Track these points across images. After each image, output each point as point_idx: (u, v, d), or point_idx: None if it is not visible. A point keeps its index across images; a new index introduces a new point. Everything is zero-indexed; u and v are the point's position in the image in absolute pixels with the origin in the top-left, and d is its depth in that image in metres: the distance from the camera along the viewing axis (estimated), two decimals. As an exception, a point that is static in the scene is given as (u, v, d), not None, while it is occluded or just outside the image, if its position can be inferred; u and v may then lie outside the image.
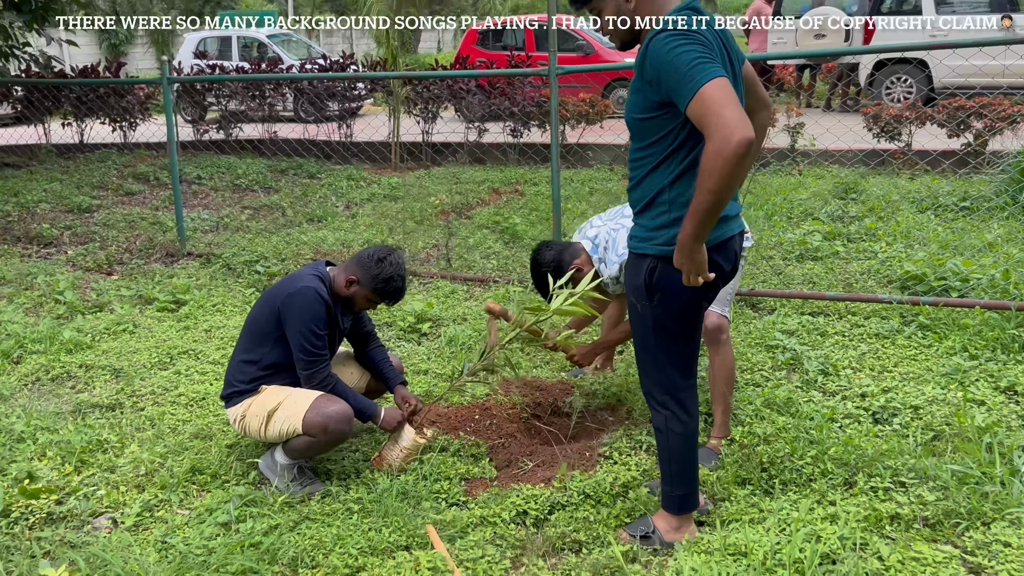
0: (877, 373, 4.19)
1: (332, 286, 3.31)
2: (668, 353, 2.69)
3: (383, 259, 3.31)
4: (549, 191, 8.64)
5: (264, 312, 3.27)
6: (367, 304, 3.40)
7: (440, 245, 7.01)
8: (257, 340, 3.26)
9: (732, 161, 2.17)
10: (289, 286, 3.22)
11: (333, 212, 8.25)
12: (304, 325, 3.15)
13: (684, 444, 2.80)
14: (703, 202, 2.27)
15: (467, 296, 5.66)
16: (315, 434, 3.11)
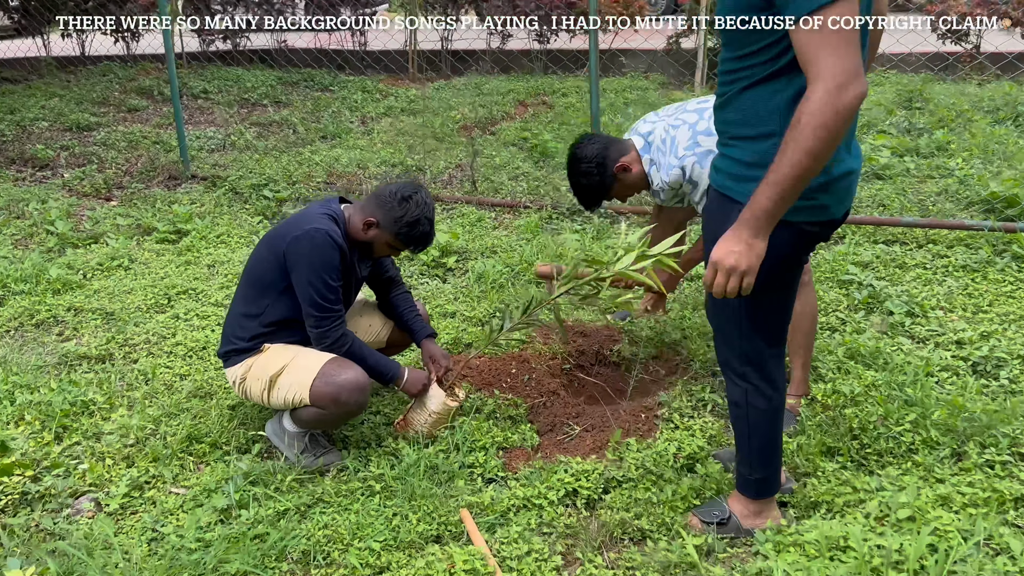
0: (971, 314, 3.64)
1: (347, 228, 2.78)
2: (756, 319, 2.17)
3: (408, 198, 2.77)
4: (580, 103, 7.98)
5: (266, 258, 2.75)
6: (388, 251, 2.88)
7: (464, 165, 6.43)
8: (258, 291, 2.76)
9: (843, 117, 1.72)
10: (295, 227, 2.69)
11: (347, 128, 7.65)
12: (314, 274, 2.64)
13: (767, 421, 2.30)
14: (794, 165, 1.77)
15: (496, 224, 5.12)
16: (324, 406, 2.64)
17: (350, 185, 5.84)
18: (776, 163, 1.80)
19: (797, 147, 1.75)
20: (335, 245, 2.67)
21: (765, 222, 1.86)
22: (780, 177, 1.79)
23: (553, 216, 5.12)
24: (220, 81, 9.55)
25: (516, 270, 4.26)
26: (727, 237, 1.92)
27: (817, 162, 1.76)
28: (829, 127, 1.72)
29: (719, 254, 1.92)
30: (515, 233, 4.87)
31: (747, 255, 1.89)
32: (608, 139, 3.13)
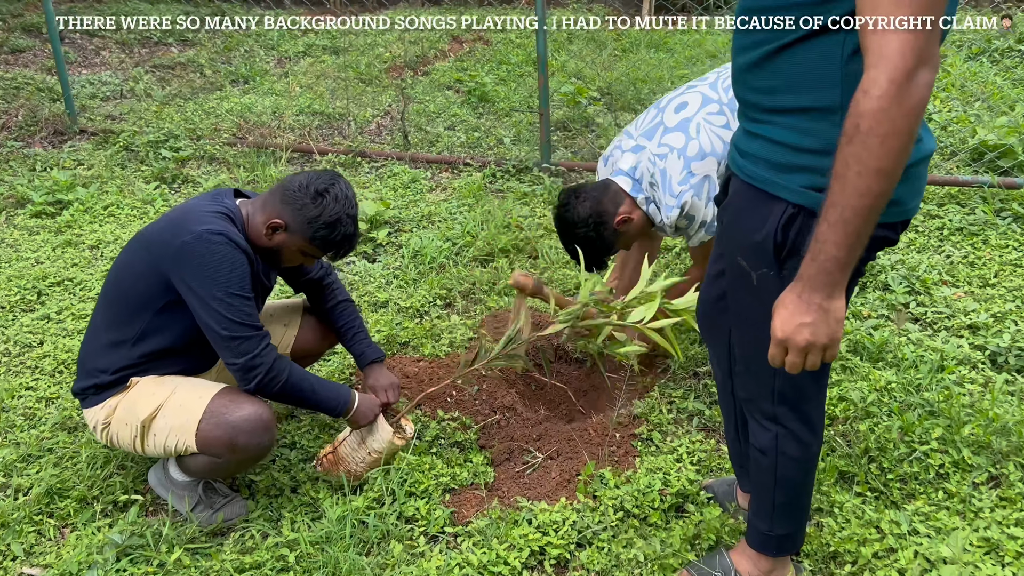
0: (978, 289, 3.20)
1: (246, 230, 2.14)
2: None
3: (322, 192, 2.13)
4: (520, 39, 7.31)
5: (140, 269, 2.08)
6: (300, 259, 2.24)
7: (393, 113, 5.74)
8: (129, 311, 2.10)
9: (916, 115, 1.20)
10: (181, 229, 2.02)
11: (262, 70, 6.84)
12: (219, 287, 2.00)
13: (800, 472, 1.80)
14: (864, 194, 1.24)
15: (432, 186, 4.48)
16: (218, 453, 2.05)
17: (263, 139, 5.12)
18: (836, 194, 1.26)
19: (864, 167, 1.23)
20: (239, 248, 2.04)
21: (839, 276, 1.32)
22: (848, 213, 1.25)
23: (497, 174, 4.51)
24: (117, 15, 8.54)
25: (459, 245, 3.66)
26: (790, 304, 1.37)
27: (892, 182, 1.24)
28: (902, 133, 1.21)
29: (787, 330, 1.37)
30: (455, 197, 4.26)
31: (825, 323, 1.35)
32: (594, 190, 2.59)
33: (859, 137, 1.22)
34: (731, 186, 1.61)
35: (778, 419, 1.74)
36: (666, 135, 2.51)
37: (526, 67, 6.57)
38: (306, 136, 5.20)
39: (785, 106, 1.42)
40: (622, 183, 2.58)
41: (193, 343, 2.15)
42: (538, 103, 5.15)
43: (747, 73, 1.49)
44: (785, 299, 1.38)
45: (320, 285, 2.48)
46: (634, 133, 2.64)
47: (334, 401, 2.22)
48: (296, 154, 4.94)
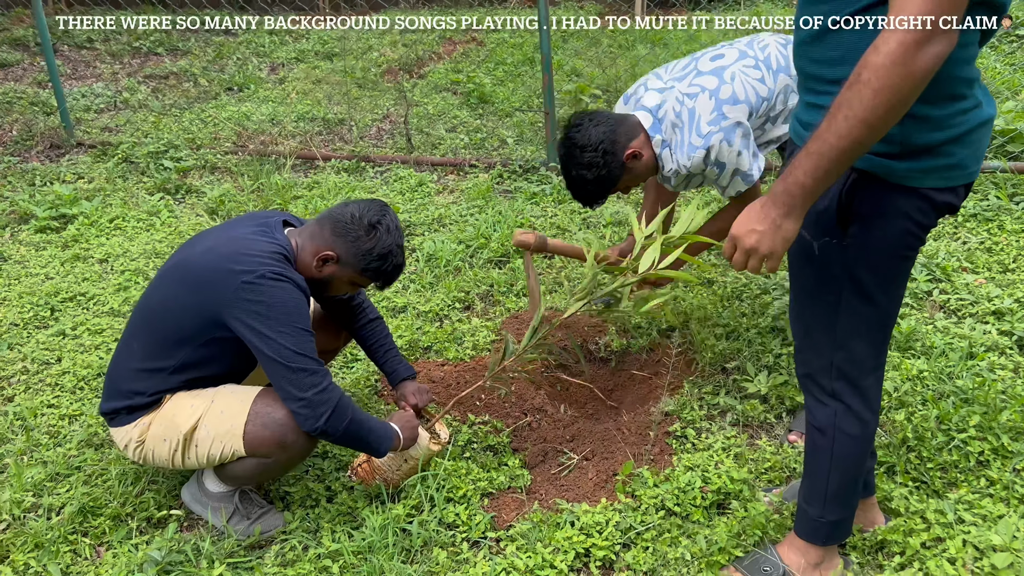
0: (999, 274, 3.20)
1: (296, 264, 2.11)
2: (856, 318, 1.65)
3: (375, 225, 2.10)
4: (514, 39, 7.29)
5: (186, 302, 2.02)
6: (347, 288, 2.21)
7: (392, 116, 5.71)
8: (171, 342, 2.04)
9: (917, 80, 1.27)
10: (237, 270, 1.95)
11: (256, 78, 6.79)
12: (285, 328, 1.95)
13: (857, 453, 1.80)
14: (843, 136, 1.34)
15: (440, 188, 4.45)
16: (268, 452, 2.02)
17: (265, 147, 5.07)
18: (822, 128, 1.35)
19: (852, 112, 1.31)
20: (300, 288, 2.00)
21: (800, 200, 1.43)
22: (825, 147, 1.35)
23: (504, 175, 4.48)
24: (107, 27, 8.47)
25: (473, 248, 3.64)
26: (753, 211, 1.50)
27: (874, 134, 1.33)
28: (897, 91, 1.28)
29: (740, 229, 1.52)
30: (464, 198, 4.23)
31: (771, 236, 1.48)
32: (610, 117, 2.44)
33: (857, 85, 1.29)
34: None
35: (837, 394, 1.75)
36: (699, 77, 2.43)
37: (522, 67, 6.55)
38: (308, 142, 5.16)
39: (847, 76, 1.40)
40: (642, 118, 2.47)
41: (233, 372, 2.13)
42: (542, 103, 5.13)
43: (809, 46, 1.52)
44: (753, 204, 1.50)
45: (350, 306, 2.45)
46: (664, 76, 2.55)
47: (387, 439, 2.16)
48: (299, 160, 4.90)
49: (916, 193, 1.50)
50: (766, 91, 2.45)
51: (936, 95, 1.42)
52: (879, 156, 1.47)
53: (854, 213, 1.53)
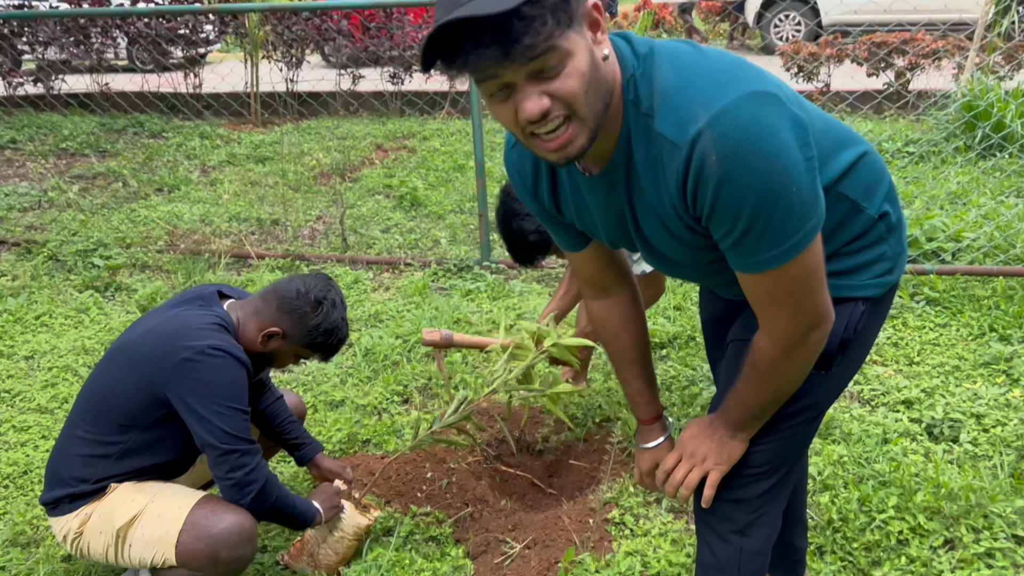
0: (905, 367, 3.42)
1: (238, 337, 2.15)
2: (803, 444, 1.63)
3: (321, 301, 2.17)
4: (444, 147, 7.56)
5: (129, 382, 2.03)
6: (291, 362, 2.27)
7: (326, 217, 5.81)
8: (116, 425, 2.04)
9: (807, 362, 1.44)
10: (178, 346, 1.98)
11: (186, 179, 6.83)
12: (221, 403, 1.97)
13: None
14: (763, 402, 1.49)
15: (376, 285, 4.53)
16: (199, 567, 1.98)
17: (197, 246, 5.09)
18: (740, 392, 1.49)
19: (759, 392, 1.47)
20: (241, 364, 2.03)
21: (742, 431, 1.54)
22: (751, 408, 1.50)
23: (439, 273, 4.60)
24: (32, 128, 8.43)
25: (410, 342, 3.70)
26: (702, 426, 1.58)
27: (784, 397, 1.49)
28: (795, 376, 1.44)
29: (688, 443, 1.59)
30: (400, 295, 4.31)
31: (717, 452, 1.55)
32: None
33: (756, 374, 1.43)
34: None
35: (748, 529, 1.61)
36: None
37: (453, 173, 6.77)
38: (241, 241, 5.20)
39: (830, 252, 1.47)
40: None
41: (181, 458, 2.12)
42: (474, 205, 5.32)
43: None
44: (702, 421, 1.58)
45: (261, 384, 2.47)
46: None
47: (309, 513, 2.20)
48: (233, 259, 4.93)
49: (889, 297, 1.56)
50: None
51: (890, 192, 1.51)
52: (882, 277, 1.49)
53: (854, 338, 1.51)
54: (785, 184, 1.20)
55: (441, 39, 1.14)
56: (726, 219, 1.25)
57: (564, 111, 1.20)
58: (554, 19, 1.13)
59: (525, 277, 4.49)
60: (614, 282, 1.70)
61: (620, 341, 1.72)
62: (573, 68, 1.17)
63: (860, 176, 1.44)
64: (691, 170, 1.22)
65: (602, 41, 1.24)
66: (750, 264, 1.30)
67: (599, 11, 1.23)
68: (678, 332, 3.71)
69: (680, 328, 3.74)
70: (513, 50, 1.12)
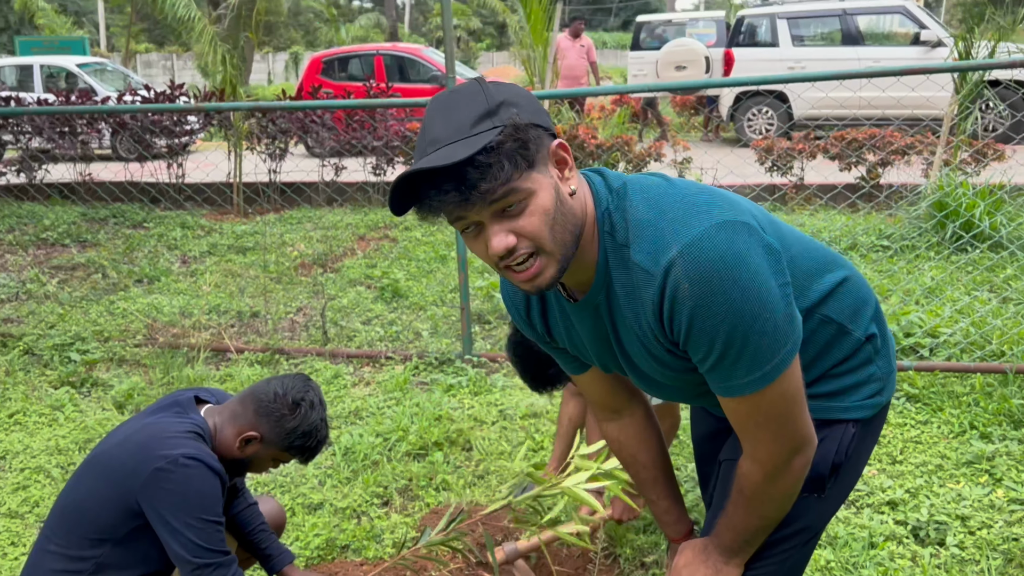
0: (888, 466, 3.41)
1: (214, 444, 2.11)
2: (797, 568, 1.62)
3: (299, 403, 2.15)
4: (426, 237, 7.62)
5: (103, 493, 1.98)
6: (269, 466, 2.24)
7: (306, 309, 5.80)
8: (89, 539, 1.97)
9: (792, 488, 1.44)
10: (152, 454, 1.95)
11: (166, 270, 6.83)
12: (193, 515, 1.92)
13: None
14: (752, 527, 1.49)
15: (356, 380, 4.50)
16: None
17: (176, 339, 5.05)
18: (730, 516, 1.49)
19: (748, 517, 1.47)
20: (215, 474, 1.99)
21: (736, 556, 1.53)
22: (741, 532, 1.50)
23: (421, 367, 4.58)
24: (13, 218, 8.45)
25: (391, 440, 3.66)
26: (696, 550, 1.57)
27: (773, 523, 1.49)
28: (779, 500, 1.44)
29: (685, 573, 1.56)
30: (381, 391, 4.28)
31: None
32: None
33: (743, 499, 1.44)
34: None
35: None
36: None
37: (435, 264, 6.82)
38: (221, 334, 5.17)
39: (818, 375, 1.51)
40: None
41: (156, 571, 2.06)
42: (456, 297, 5.34)
43: None
44: (696, 544, 1.57)
45: (235, 488, 2.42)
46: None
47: None
48: (212, 353, 4.89)
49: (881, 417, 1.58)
50: None
51: (876, 313, 1.55)
52: (872, 398, 1.52)
53: (846, 461, 1.52)
54: (758, 310, 1.24)
55: (407, 187, 1.23)
56: (702, 345, 1.29)
57: (530, 247, 1.27)
58: (511, 164, 1.20)
59: (507, 371, 4.48)
60: (624, 402, 1.70)
61: (639, 462, 1.72)
62: (536, 206, 1.25)
63: (845, 299, 1.48)
64: (665, 297, 1.28)
65: (570, 178, 1.32)
66: (728, 388, 1.34)
67: (565, 151, 1.31)
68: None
69: (663, 425, 3.72)
70: (471, 195, 1.20)
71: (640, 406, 1.73)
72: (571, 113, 10.58)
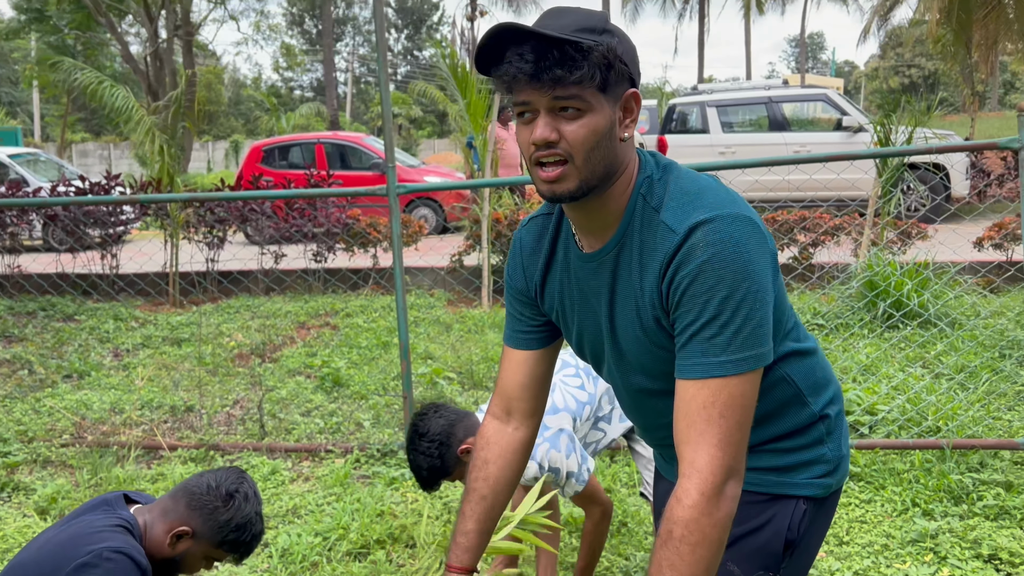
0: (835, 547, 3.40)
1: (144, 542, 2.00)
2: None
3: (232, 495, 2.07)
4: (367, 324, 7.56)
5: None
6: (202, 565, 2.12)
7: (243, 401, 5.64)
8: None
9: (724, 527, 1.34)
10: (76, 550, 1.84)
11: (98, 364, 6.61)
12: None
13: None
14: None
15: (294, 476, 4.35)
16: None
17: (106, 438, 4.84)
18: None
19: (677, 572, 1.32)
20: (140, 568, 1.88)
21: None
22: None
23: (362, 460, 4.46)
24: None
25: (331, 540, 3.52)
26: None
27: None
28: (712, 542, 1.33)
29: None
30: (320, 486, 4.14)
31: None
32: (456, 414, 2.67)
33: (672, 543, 1.32)
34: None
35: None
36: None
37: (377, 350, 6.74)
38: (153, 431, 4.98)
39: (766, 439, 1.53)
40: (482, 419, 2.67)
41: None
42: (398, 385, 5.26)
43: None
44: None
45: None
46: None
47: None
48: (143, 451, 4.70)
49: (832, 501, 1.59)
50: (586, 396, 2.74)
51: (836, 397, 1.57)
52: (822, 478, 1.53)
53: (798, 541, 1.53)
54: (755, 294, 1.33)
55: (497, 43, 1.32)
56: (696, 302, 1.33)
57: (565, 152, 1.36)
58: (590, 73, 1.31)
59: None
60: (521, 412, 1.70)
61: (486, 470, 1.70)
62: (588, 121, 1.35)
63: (810, 369, 1.52)
64: (680, 251, 1.34)
65: (629, 126, 1.42)
66: (701, 366, 1.34)
67: (637, 102, 1.42)
68: (608, 518, 3.63)
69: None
70: (544, 74, 1.30)
71: (527, 431, 1.72)
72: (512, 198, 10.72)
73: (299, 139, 15.04)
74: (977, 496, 3.64)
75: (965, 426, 4.32)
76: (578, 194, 1.38)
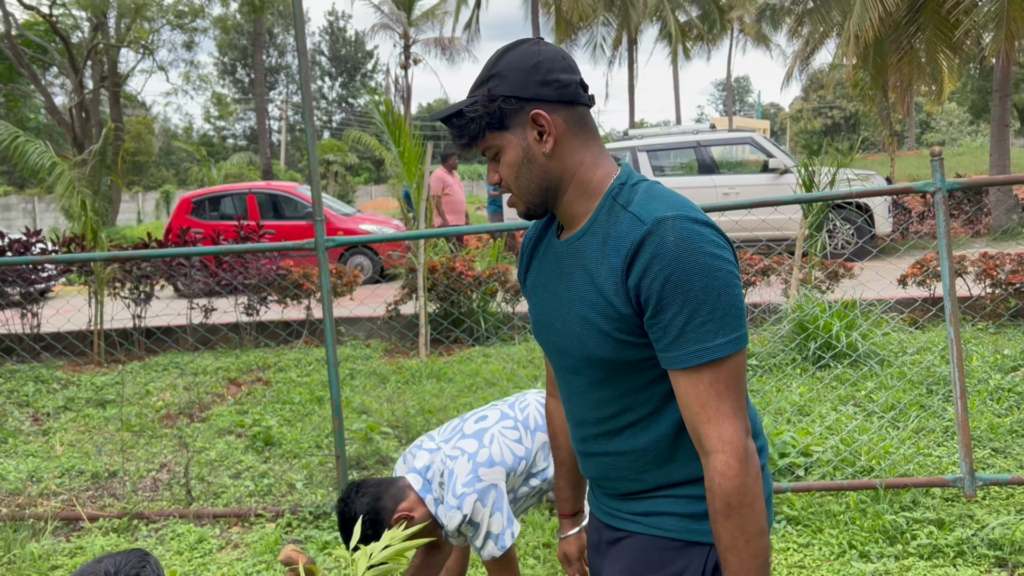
0: (776, 594, 3.38)
1: None
2: None
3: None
4: (301, 377, 7.40)
5: None
6: None
7: (170, 465, 5.43)
8: None
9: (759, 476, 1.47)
10: None
11: (15, 431, 6.30)
12: None
13: None
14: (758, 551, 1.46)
15: (223, 543, 4.17)
16: None
17: (20, 511, 4.59)
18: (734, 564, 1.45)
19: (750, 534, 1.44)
20: None
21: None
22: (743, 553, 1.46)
23: (294, 523, 4.30)
24: None
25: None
26: None
27: (768, 534, 1.48)
28: (760, 494, 1.45)
29: None
30: (250, 554, 3.97)
31: None
32: (379, 486, 2.63)
33: (734, 512, 1.43)
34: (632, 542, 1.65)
35: None
36: (462, 440, 2.65)
37: (310, 406, 6.58)
38: (73, 501, 4.74)
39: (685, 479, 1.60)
40: (412, 480, 2.63)
41: None
42: (331, 442, 5.13)
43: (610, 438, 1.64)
44: None
45: None
46: (436, 437, 2.77)
47: None
48: (61, 523, 4.46)
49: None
50: (523, 451, 2.70)
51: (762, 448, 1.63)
52: None
53: None
54: (728, 283, 1.43)
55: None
56: (675, 301, 1.42)
57: (506, 186, 1.62)
58: (477, 127, 1.55)
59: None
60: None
61: (557, 441, 1.96)
62: (505, 159, 1.59)
63: None
64: (646, 243, 1.44)
65: (547, 140, 1.56)
66: (697, 352, 1.43)
67: (543, 117, 1.54)
68: (549, 574, 3.56)
69: (551, 570, 3.60)
70: (460, 141, 1.59)
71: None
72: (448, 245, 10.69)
73: (230, 189, 14.79)
74: (911, 535, 3.68)
75: (897, 464, 4.37)
76: (531, 213, 1.62)
